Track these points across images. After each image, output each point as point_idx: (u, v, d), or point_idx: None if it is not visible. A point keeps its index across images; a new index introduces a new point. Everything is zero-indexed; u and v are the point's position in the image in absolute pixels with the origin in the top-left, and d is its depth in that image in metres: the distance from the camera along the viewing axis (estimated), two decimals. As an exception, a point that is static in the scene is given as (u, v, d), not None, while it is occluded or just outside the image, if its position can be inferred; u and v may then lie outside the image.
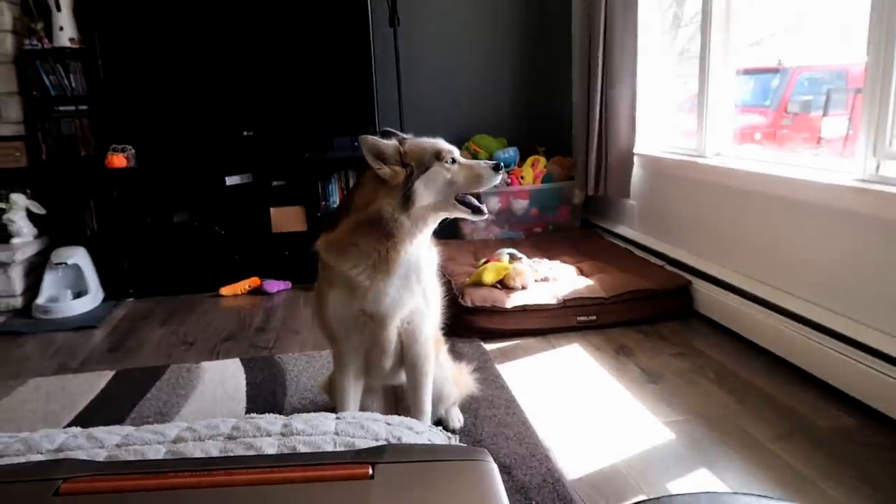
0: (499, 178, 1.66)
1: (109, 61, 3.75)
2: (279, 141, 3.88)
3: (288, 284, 3.75)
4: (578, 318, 2.90)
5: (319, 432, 1.20)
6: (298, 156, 3.86)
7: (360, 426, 1.26)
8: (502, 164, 1.70)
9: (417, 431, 1.29)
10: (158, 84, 3.81)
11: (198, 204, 3.83)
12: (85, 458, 1.16)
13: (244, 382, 2.48)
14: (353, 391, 1.83)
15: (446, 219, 1.71)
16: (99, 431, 1.27)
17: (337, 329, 1.76)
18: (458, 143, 1.74)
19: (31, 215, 3.65)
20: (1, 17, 3.59)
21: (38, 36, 3.68)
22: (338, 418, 1.30)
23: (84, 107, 3.76)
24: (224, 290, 3.68)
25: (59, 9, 3.66)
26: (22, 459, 1.15)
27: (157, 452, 1.15)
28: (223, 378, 2.52)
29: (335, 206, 3.85)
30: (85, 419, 2.21)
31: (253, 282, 3.73)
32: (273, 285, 3.70)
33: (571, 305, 2.91)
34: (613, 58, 3.69)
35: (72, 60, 3.72)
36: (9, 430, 1.38)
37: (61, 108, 3.75)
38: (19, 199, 3.58)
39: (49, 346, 3.00)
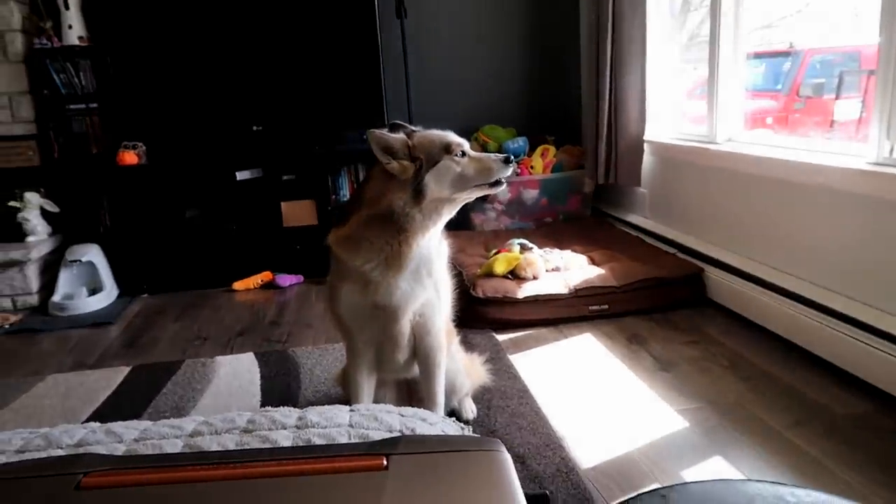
0: (510, 171, 1.65)
1: (119, 59, 3.77)
2: (288, 135, 3.89)
3: (300, 278, 3.77)
4: (590, 308, 2.90)
5: (334, 424, 1.21)
6: (308, 150, 3.87)
7: (374, 418, 1.26)
8: (512, 156, 1.69)
9: (431, 422, 1.30)
10: (168, 81, 3.83)
11: (209, 199, 3.86)
12: (104, 452, 1.18)
13: (258, 376, 2.50)
14: (367, 384, 1.84)
15: (466, 204, 1.71)
16: (117, 426, 1.28)
17: (349, 322, 1.77)
18: (467, 134, 1.75)
19: (45, 213, 3.68)
20: (10, 17, 3.61)
21: (48, 35, 3.71)
22: (352, 410, 1.31)
23: (94, 104, 3.78)
24: (237, 285, 3.71)
25: (67, 7, 3.68)
26: (43, 454, 1.17)
27: (174, 446, 1.17)
28: (238, 372, 2.55)
29: (346, 199, 3.86)
30: (102, 414, 2.24)
31: (265, 276, 3.75)
32: (285, 279, 3.71)
33: (583, 295, 2.91)
34: (622, 44, 3.67)
35: (81, 58, 3.73)
36: (29, 426, 1.40)
37: (72, 106, 3.77)
38: (33, 198, 3.61)
39: (66, 343, 3.04)
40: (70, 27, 3.71)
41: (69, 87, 3.76)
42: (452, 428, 1.31)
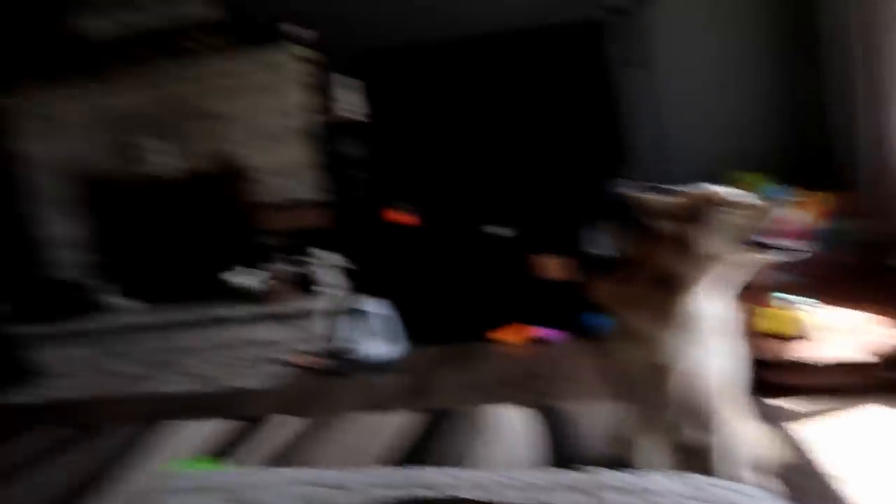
0: (782, 213, 1.61)
1: (387, 130, 4.27)
2: (540, 189, 4.07)
3: (560, 332, 3.84)
4: (883, 374, 2.60)
5: (667, 492, 1.23)
6: (560, 203, 4.01)
7: (696, 487, 1.28)
8: (778, 200, 1.64)
9: (756, 498, 1.28)
10: (429, 146, 4.25)
11: (470, 253, 4.15)
12: (443, 496, 1.32)
13: (531, 430, 2.60)
14: (647, 446, 1.82)
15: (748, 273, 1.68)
16: (442, 472, 1.43)
17: (624, 381, 1.80)
18: (718, 183, 1.72)
19: (333, 268, 4.22)
20: (299, 97, 4.29)
21: (330, 111, 4.32)
22: (671, 478, 1.33)
23: (369, 171, 4.31)
24: (500, 336, 3.87)
25: (344, 87, 4.28)
26: (384, 493, 1.31)
27: (517, 497, 1.28)
28: (510, 424, 2.68)
29: (603, 253, 3.89)
30: (397, 457, 2.50)
31: (527, 329, 3.88)
32: (546, 333, 3.81)
33: (873, 359, 2.62)
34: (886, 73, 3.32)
35: (359, 131, 4.30)
36: (330, 464, 1.60)
37: (351, 172, 4.33)
38: (322, 254, 4.18)
39: (354, 387, 3.43)
40: (347, 104, 4.30)
41: (349, 156, 4.33)
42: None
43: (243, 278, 4.20)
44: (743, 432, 1.96)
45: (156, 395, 3.64)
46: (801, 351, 2.70)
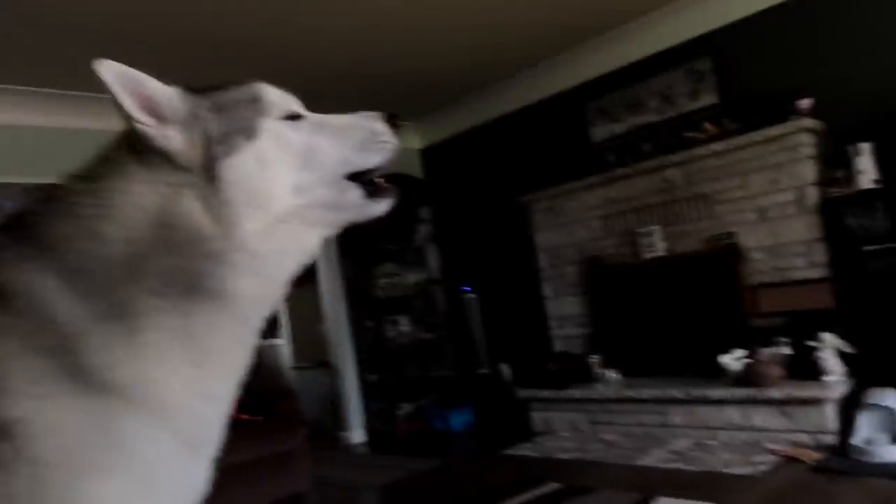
0: None
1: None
2: None
3: None
4: None
5: None
6: None
7: None
8: None
9: None
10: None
11: None
12: None
13: None
14: None
15: None
16: None
17: None
18: None
19: (838, 353, 3.68)
20: (799, 169, 3.95)
21: (840, 183, 3.86)
22: None
23: (892, 244, 3.65)
24: None
25: (858, 154, 3.77)
26: None
27: None
28: None
29: None
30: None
31: None
32: None
33: None
34: None
35: (874, 201, 3.71)
36: None
37: (867, 247, 3.74)
38: (829, 338, 3.68)
39: (865, 490, 2.84)
40: (862, 173, 3.77)
41: (863, 230, 3.76)
42: None
43: (733, 360, 3.97)
44: None
45: (641, 467, 3.65)
46: None
